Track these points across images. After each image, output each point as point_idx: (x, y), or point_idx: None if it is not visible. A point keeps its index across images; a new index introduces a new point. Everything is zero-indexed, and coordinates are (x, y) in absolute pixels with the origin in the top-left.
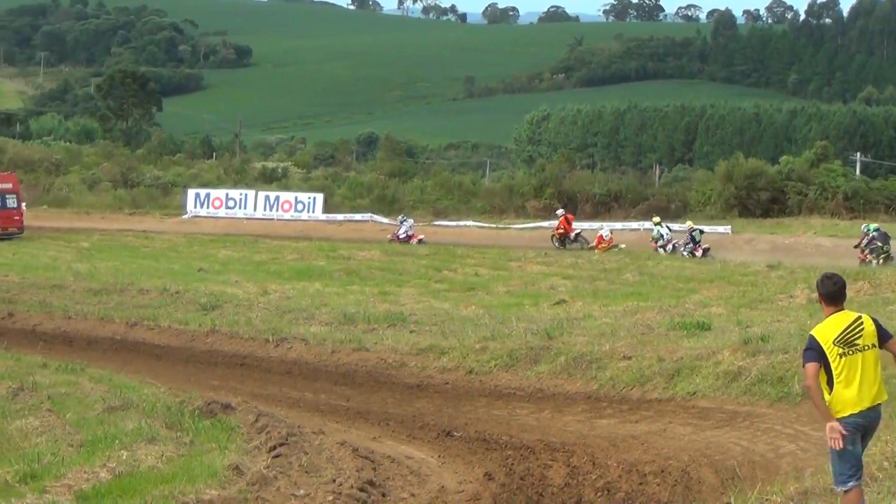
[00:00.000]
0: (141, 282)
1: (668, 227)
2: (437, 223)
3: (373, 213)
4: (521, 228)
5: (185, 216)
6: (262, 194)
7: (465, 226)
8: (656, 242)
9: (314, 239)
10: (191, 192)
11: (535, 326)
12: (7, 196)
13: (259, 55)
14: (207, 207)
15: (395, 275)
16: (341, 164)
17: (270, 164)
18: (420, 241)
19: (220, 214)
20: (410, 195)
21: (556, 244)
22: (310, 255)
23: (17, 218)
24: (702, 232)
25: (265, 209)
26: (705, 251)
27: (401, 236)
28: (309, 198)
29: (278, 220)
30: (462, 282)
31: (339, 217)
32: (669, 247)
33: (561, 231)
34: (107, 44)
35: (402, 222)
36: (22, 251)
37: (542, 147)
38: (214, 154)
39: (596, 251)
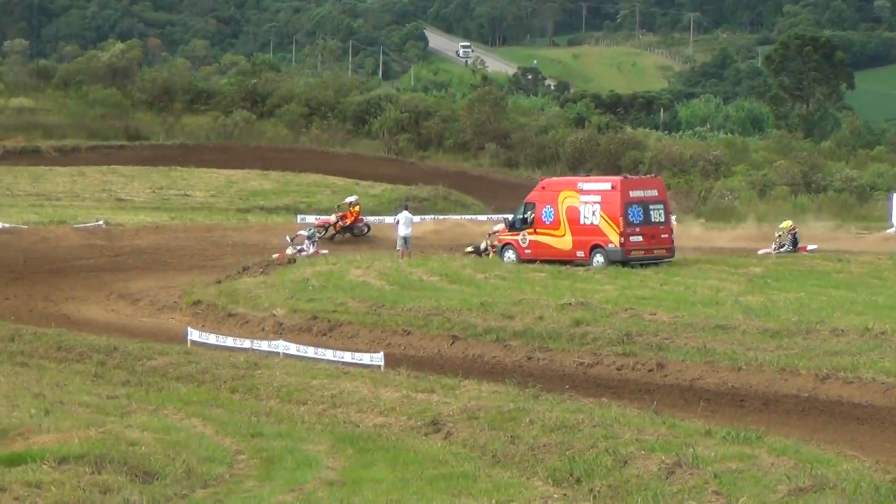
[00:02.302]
0: (833, 319)
1: None
2: None
3: None
4: None
5: (891, 230)
6: None
7: None
8: None
9: None
10: None
11: None
12: (651, 206)
13: None
14: None
15: None
16: None
17: None
18: None
19: None
20: None
21: None
22: None
23: (665, 236)
24: None
25: None
26: None
27: None
28: None
29: None
30: None
31: None
32: None
33: None
34: (777, 0)
35: None
36: (673, 280)
37: None
38: None
39: None
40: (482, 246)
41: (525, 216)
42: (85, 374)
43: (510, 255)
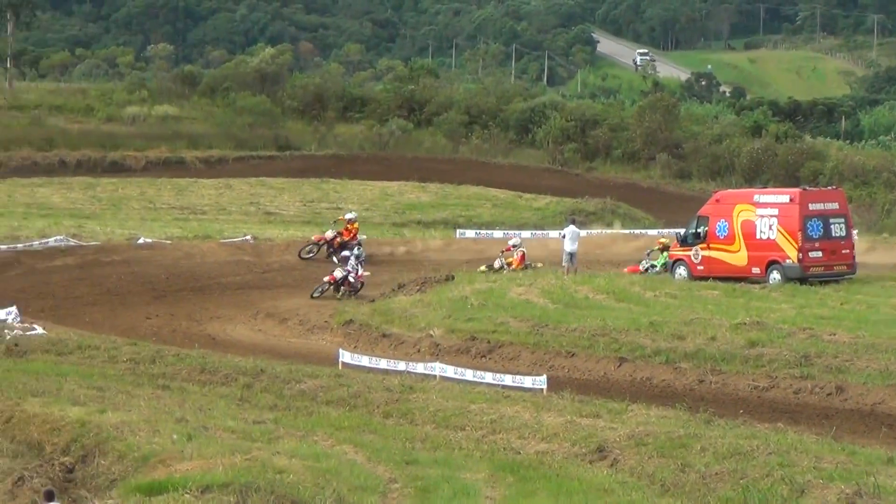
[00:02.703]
0: None
1: None
2: None
3: None
4: None
5: None
6: None
7: None
8: None
9: None
10: None
11: None
12: (832, 220)
13: None
14: None
15: None
16: None
17: None
18: None
19: None
20: None
21: None
22: None
23: (846, 252)
24: None
25: None
26: None
27: None
28: None
29: None
30: None
31: None
32: None
33: None
34: None
35: None
36: (854, 299)
37: None
38: None
39: None
40: (496, 264)
41: (697, 230)
42: (230, 398)
43: (681, 271)
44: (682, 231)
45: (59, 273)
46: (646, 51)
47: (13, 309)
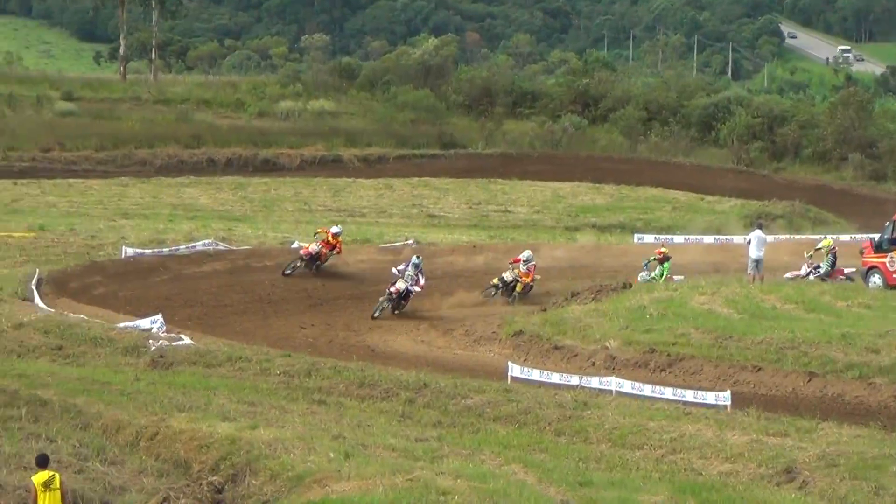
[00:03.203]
0: None
1: None
2: None
3: None
4: None
5: None
6: None
7: None
8: None
9: None
10: None
11: None
12: None
13: None
14: None
15: None
16: None
17: None
18: None
19: None
20: None
21: None
22: None
23: None
24: None
25: None
26: None
27: None
28: None
29: None
30: None
31: None
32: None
33: None
34: None
35: None
36: None
37: None
38: None
39: None
40: (507, 277)
41: (894, 236)
42: (391, 414)
43: (876, 279)
44: (877, 236)
45: (208, 279)
46: (848, 47)
47: (158, 318)
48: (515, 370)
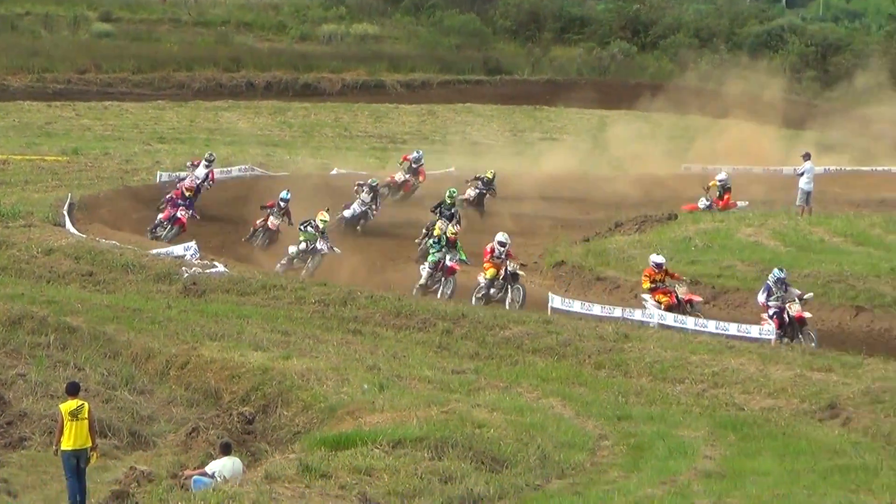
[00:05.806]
0: None
1: None
2: None
3: None
4: None
5: None
6: None
7: None
8: None
9: None
10: None
11: None
12: None
13: None
14: None
15: None
16: None
17: None
18: None
19: None
20: None
21: None
22: None
23: None
24: None
25: None
26: None
27: None
28: None
29: None
30: None
31: None
32: None
33: None
34: None
35: None
36: None
37: None
38: None
39: None
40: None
41: None
42: (427, 345)
43: None
44: None
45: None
46: None
47: (192, 244)
48: (556, 301)
